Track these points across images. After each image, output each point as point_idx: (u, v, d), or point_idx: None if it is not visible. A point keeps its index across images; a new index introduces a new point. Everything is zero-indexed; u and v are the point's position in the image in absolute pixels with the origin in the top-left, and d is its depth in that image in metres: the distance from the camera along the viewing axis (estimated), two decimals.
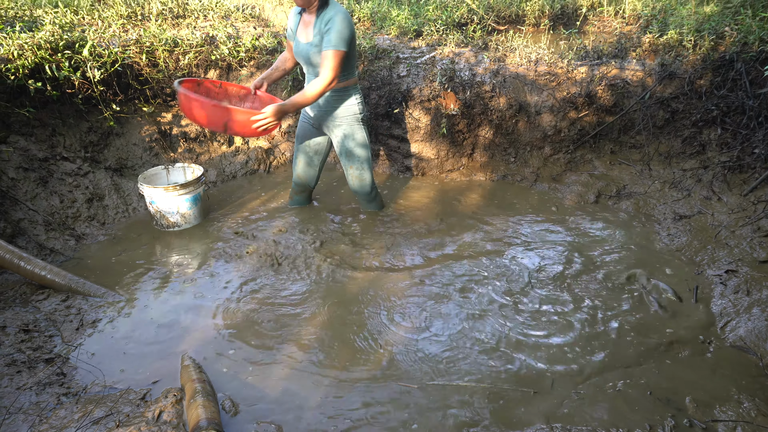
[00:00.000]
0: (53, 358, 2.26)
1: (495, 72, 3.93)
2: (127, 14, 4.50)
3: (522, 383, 2.12)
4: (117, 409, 1.94)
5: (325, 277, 2.87)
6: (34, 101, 3.34)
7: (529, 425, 1.93)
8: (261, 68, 4.14)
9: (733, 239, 2.88)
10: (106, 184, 3.56)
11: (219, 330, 2.47)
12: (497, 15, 5.09)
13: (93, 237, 3.29)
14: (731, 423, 1.89)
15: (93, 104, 3.64)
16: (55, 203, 3.27)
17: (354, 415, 1.99)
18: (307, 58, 2.85)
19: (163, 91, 4.00)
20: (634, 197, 3.57)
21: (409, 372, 2.20)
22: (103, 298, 2.69)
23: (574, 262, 2.95)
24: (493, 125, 3.96)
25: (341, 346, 2.36)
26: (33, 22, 3.89)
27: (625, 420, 1.93)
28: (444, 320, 2.51)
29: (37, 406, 1.97)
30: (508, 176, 4.02)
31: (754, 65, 3.30)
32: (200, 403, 1.87)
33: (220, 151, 4.25)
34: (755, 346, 2.25)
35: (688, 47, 3.71)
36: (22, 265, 2.64)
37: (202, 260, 3.05)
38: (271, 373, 2.20)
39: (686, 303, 2.59)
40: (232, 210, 3.65)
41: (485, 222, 3.41)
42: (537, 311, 2.56)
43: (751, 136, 3.24)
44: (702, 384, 2.10)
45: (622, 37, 4.20)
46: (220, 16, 4.80)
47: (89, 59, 3.41)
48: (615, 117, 3.79)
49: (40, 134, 3.41)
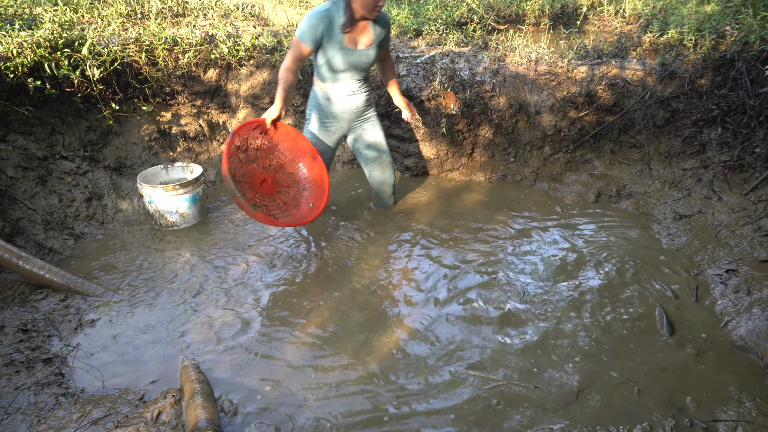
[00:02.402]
0: (52, 358, 2.25)
1: (495, 71, 3.92)
2: (126, 13, 4.48)
3: (522, 381, 2.12)
4: (115, 410, 1.94)
5: (326, 277, 2.86)
6: (33, 100, 3.33)
7: (530, 425, 1.92)
8: (260, 67, 4.13)
9: (734, 239, 2.87)
10: (105, 183, 3.55)
11: (218, 330, 2.46)
12: (497, 14, 5.08)
13: (92, 236, 3.28)
14: (732, 423, 1.89)
15: (92, 103, 3.63)
16: (53, 202, 3.26)
17: (354, 416, 1.99)
18: (366, 62, 2.85)
19: (163, 90, 3.99)
20: (634, 197, 3.57)
21: (409, 373, 2.20)
22: (101, 297, 2.69)
23: (573, 261, 2.95)
24: (493, 125, 3.95)
25: (341, 346, 2.35)
26: (32, 20, 3.88)
27: (625, 420, 1.93)
28: (445, 322, 2.51)
29: (35, 407, 1.96)
30: (507, 176, 4.01)
31: (755, 64, 3.30)
32: (199, 403, 1.87)
33: (220, 150, 4.24)
34: (756, 345, 2.25)
35: (688, 46, 3.70)
36: (20, 265, 2.63)
37: (200, 260, 3.05)
38: (270, 374, 2.20)
39: (687, 303, 2.59)
40: (232, 209, 3.64)
41: (485, 221, 3.41)
42: (535, 310, 2.55)
43: (751, 135, 3.23)
44: (703, 384, 2.09)
45: (623, 37, 4.19)
46: (220, 14, 4.79)
47: (88, 58, 3.40)
48: (615, 116, 3.78)
49: (39, 133, 3.40)
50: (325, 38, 2.70)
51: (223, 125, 4.30)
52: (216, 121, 4.28)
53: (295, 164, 3.15)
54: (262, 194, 3.04)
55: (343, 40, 2.73)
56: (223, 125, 4.31)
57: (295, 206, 3.11)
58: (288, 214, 3.04)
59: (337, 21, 2.67)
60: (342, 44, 2.74)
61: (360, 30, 2.75)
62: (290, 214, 3.05)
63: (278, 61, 4.05)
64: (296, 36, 2.71)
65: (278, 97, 2.82)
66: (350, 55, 2.78)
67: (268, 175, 3.09)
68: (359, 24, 2.73)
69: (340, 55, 2.76)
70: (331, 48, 2.74)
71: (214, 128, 4.27)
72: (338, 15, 2.66)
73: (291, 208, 3.10)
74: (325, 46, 2.75)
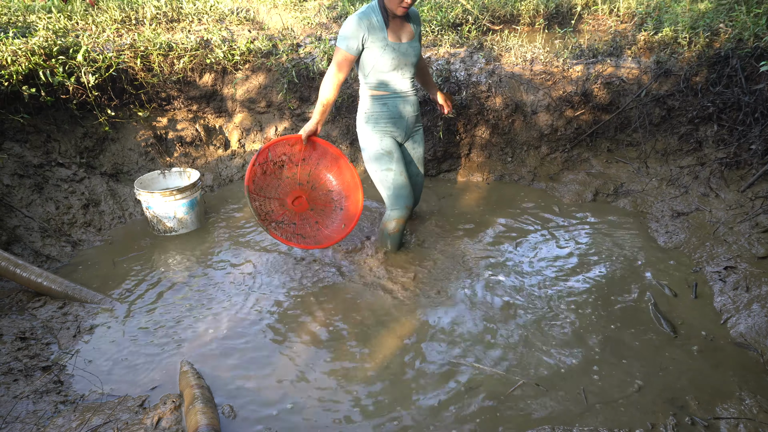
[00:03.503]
0: (50, 365, 2.24)
1: (491, 72, 3.93)
2: (121, 19, 4.48)
3: (522, 379, 2.11)
4: (115, 417, 1.93)
5: (325, 281, 2.85)
6: (28, 107, 3.32)
7: (528, 423, 1.92)
8: (256, 71, 4.12)
9: (732, 235, 2.87)
10: (102, 189, 3.54)
11: (217, 335, 2.45)
12: (492, 15, 5.09)
13: (89, 243, 3.27)
14: (733, 420, 1.89)
15: (88, 110, 3.63)
16: (50, 210, 3.25)
17: (354, 421, 1.98)
18: (414, 57, 2.78)
19: (158, 96, 3.99)
20: (632, 195, 3.57)
21: (410, 377, 2.19)
22: (99, 304, 2.68)
23: (571, 260, 2.95)
24: (490, 125, 3.96)
25: (341, 350, 2.35)
26: (26, 27, 3.87)
27: (626, 418, 1.92)
28: (442, 321, 2.50)
29: (34, 415, 1.95)
30: (505, 176, 4.02)
31: (749, 61, 3.31)
32: (199, 408, 1.86)
33: (217, 155, 4.23)
34: (756, 342, 2.25)
35: (683, 44, 3.71)
36: (18, 273, 2.62)
37: (199, 265, 3.04)
38: (270, 378, 2.19)
39: (686, 300, 2.59)
40: (229, 214, 3.63)
41: (482, 222, 3.41)
42: (533, 309, 2.55)
43: (747, 132, 3.24)
44: (703, 381, 2.09)
45: (617, 35, 4.20)
46: (215, 19, 4.79)
47: (83, 64, 3.40)
48: (611, 115, 3.79)
49: (34, 140, 3.39)
50: (370, 39, 2.64)
51: (219, 130, 4.30)
52: (212, 126, 4.28)
53: (332, 182, 3.09)
54: (292, 212, 2.97)
55: (387, 36, 2.66)
56: (220, 129, 4.30)
57: (327, 225, 3.05)
58: (319, 233, 2.99)
59: (376, 20, 2.63)
60: (387, 40, 2.66)
61: (398, 26, 2.71)
62: (320, 233, 3.00)
63: (273, 65, 4.06)
64: (338, 45, 2.63)
65: (316, 111, 2.73)
66: (397, 49, 2.68)
67: (303, 192, 3.02)
68: (396, 21, 2.70)
69: (388, 52, 2.67)
70: (377, 47, 2.65)
71: (211, 133, 4.27)
72: (376, 15, 2.63)
73: (323, 227, 3.03)
74: (370, 48, 2.66)
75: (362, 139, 2.90)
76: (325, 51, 4.00)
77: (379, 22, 2.63)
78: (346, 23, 2.63)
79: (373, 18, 2.63)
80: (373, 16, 2.63)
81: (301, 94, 4.14)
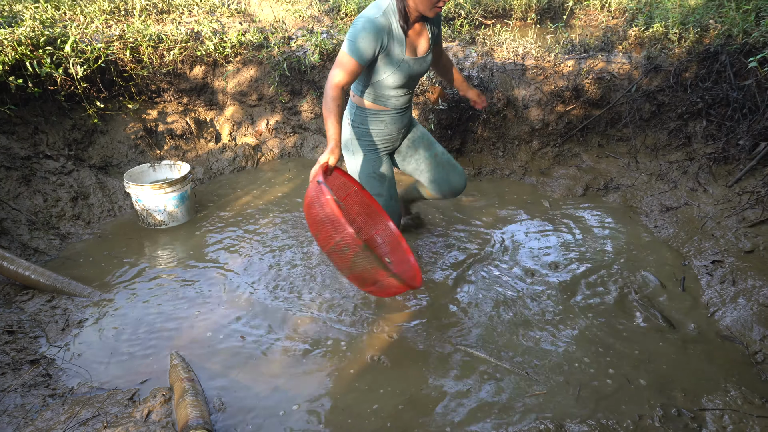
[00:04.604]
0: (38, 359, 2.22)
1: (482, 66, 3.93)
2: (110, 9, 4.43)
3: (514, 369, 2.13)
4: (104, 410, 1.92)
5: (315, 273, 2.85)
6: (15, 98, 3.27)
7: (518, 415, 1.94)
8: (247, 64, 4.09)
9: (719, 230, 2.91)
10: (91, 182, 3.51)
11: (207, 328, 2.45)
12: (484, 9, 5.09)
13: (78, 236, 3.24)
14: (718, 411, 1.91)
15: (76, 101, 3.59)
16: (38, 202, 3.22)
17: (345, 413, 1.99)
18: (425, 70, 2.35)
19: (148, 88, 3.95)
20: (622, 190, 3.60)
21: (406, 372, 2.20)
22: (89, 297, 2.66)
23: (561, 254, 2.97)
24: (481, 119, 3.96)
25: (333, 343, 2.35)
26: (13, 17, 3.82)
27: (614, 409, 1.95)
28: (431, 315, 2.51)
29: (22, 408, 1.94)
30: (496, 170, 4.03)
31: (738, 57, 3.33)
32: (189, 402, 1.86)
33: (207, 148, 4.20)
34: (741, 335, 2.28)
35: (673, 40, 3.73)
36: (5, 266, 2.59)
37: (189, 258, 3.02)
38: (260, 371, 2.19)
39: (674, 293, 2.62)
40: (220, 207, 3.61)
41: (473, 216, 3.42)
42: (523, 303, 2.56)
43: (735, 127, 3.27)
44: (690, 374, 2.12)
45: (609, 31, 4.22)
46: (205, 11, 4.74)
47: (71, 55, 3.35)
48: (602, 110, 3.81)
49: (22, 132, 3.35)
50: (385, 51, 2.16)
51: (210, 122, 4.27)
52: (203, 119, 4.25)
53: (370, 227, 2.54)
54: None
55: (405, 50, 2.20)
56: (210, 122, 4.27)
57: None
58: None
59: (395, 28, 2.15)
60: (404, 55, 2.20)
61: (416, 34, 2.24)
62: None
63: (265, 58, 4.03)
64: (347, 51, 2.09)
65: (333, 133, 2.10)
66: (412, 65, 2.24)
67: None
68: (415, 26, 2.22)
69: (403, 69, 2.22)
70: (391, 62, 2.19)
71: (201, 126, 4.23)
72: (393, 21, 2.14)
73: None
74: (383, 61, 2.18)
75: (349, 156, 2.50)
76: (317, 44, 3.97)
77: (398, 30, 2.15)
78: (362, 26, 2.07)
79: (393, 23, 2.13)
80: (393, 21, 2.13)
81: (292, 87, 4.12)
